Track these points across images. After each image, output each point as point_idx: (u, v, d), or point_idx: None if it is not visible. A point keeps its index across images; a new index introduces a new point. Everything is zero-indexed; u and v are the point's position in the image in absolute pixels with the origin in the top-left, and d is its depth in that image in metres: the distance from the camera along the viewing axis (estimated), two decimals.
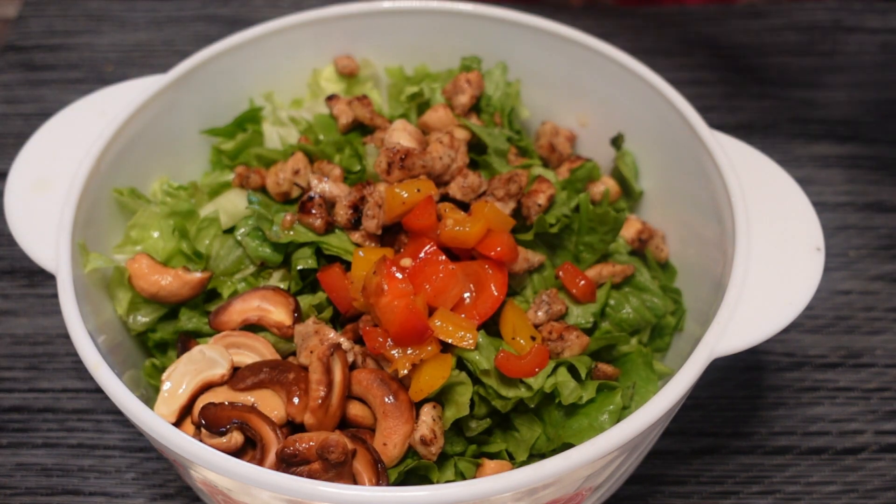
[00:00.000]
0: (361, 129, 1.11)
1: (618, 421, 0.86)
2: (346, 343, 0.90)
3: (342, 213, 0.97)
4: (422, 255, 0.91)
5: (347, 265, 0.96)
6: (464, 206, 0.99)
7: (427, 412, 0.86)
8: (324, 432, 0.83)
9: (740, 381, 1.18)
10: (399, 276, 0.88)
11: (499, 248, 0.91)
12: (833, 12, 1.70)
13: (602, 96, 1.14)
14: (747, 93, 1.56)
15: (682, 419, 1.13)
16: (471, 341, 0.87)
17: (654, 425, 0.77)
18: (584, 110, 1.18)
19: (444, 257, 0.91)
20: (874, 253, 1.32)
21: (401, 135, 1.01)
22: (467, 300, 0.91)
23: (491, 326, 0.93)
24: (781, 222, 0.92)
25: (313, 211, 0.97)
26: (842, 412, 1.15)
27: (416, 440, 0.85)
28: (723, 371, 1.17)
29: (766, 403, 1.15)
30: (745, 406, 1.15)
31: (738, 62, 1.61)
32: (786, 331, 0.84)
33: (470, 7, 1.16)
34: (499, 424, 0.93)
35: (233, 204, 1.04)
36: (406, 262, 0.91)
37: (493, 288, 0.91)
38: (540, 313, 0.95)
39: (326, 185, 1.00)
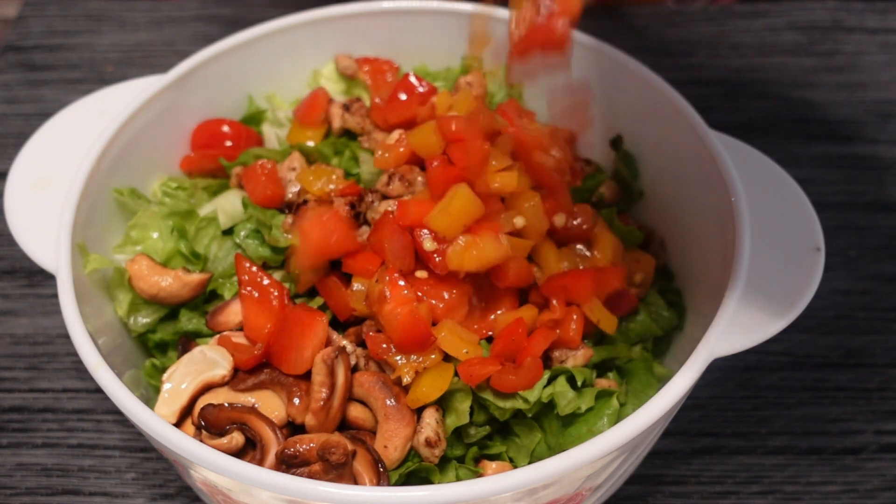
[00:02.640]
0: None
1: (616, 423, 0.86)
2: (348, 346, 0.90)
3: None
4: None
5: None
6: None
7: (430, 414, 0.86)
8: (324, 433, 0.83)
9: (740, 381, 1.18)
10: (401, 283, 0.87)
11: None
12: (833, 12, 1.70)
13: (602, 96, 1.14)
14: (747, 93, 1.56)
15: (682, 419, 1.13)
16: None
17: (654, 425, 0.77)
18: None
19: None
20: (874, 253, 1.32)
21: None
22: (475, 313, 0.91)
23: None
24: (781, 222, 0.92)
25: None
26: (841, 412, 1.15)
27: (420, 442, 0.85)
28: (723, 371, 1.17)
29: (766, 403, 1.15)
30: (745, 406, 1.15)
31: (738, 62, 1.61)
32: (786, 331, 0.84)
33: (470, 7, 1.16)
34: (499, 431, 0.92)
35: (232, 204, 1.04)
36: (421, 274, 0.90)
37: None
38: None
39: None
